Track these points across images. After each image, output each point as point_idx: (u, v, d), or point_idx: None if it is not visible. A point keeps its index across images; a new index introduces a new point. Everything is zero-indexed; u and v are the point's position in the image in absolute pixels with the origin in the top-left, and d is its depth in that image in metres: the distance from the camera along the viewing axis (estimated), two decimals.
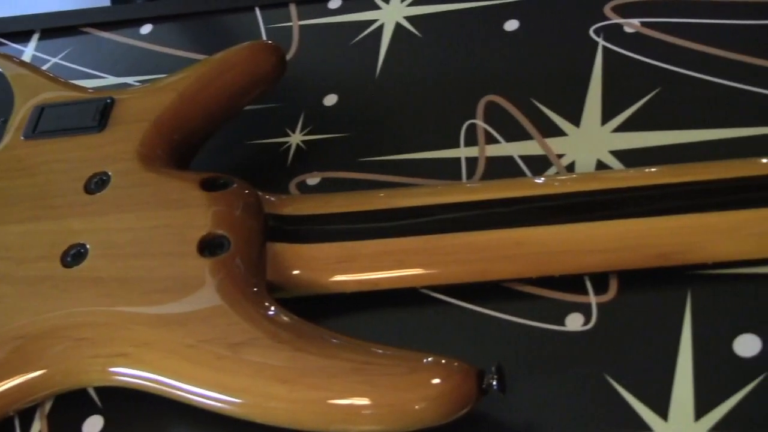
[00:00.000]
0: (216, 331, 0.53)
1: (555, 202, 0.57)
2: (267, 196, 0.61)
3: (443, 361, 0.50)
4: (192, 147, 0.66)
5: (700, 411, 0.51)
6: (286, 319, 0.54)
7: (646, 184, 0.56)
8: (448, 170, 0.65)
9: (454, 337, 0.57)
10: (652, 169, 0.58)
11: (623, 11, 0.71)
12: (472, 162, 0.65)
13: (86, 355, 0.56)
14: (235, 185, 0.60)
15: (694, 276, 0.55)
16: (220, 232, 0.57)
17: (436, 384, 0.49)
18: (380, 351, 0.52)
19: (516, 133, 0.66)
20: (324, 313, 0.59)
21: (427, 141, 0.67)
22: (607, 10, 0.71)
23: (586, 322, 0.56)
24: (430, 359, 0.50)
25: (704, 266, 0.55)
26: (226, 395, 0.53)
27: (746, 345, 0.52)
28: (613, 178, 0.58)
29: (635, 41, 0.69)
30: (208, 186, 0.60)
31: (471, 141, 0.66)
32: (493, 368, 0.50)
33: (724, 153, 0.61)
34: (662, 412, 0.51)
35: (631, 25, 0.70)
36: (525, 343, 0.56)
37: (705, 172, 0.56)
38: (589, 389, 0.53)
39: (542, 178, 0.61)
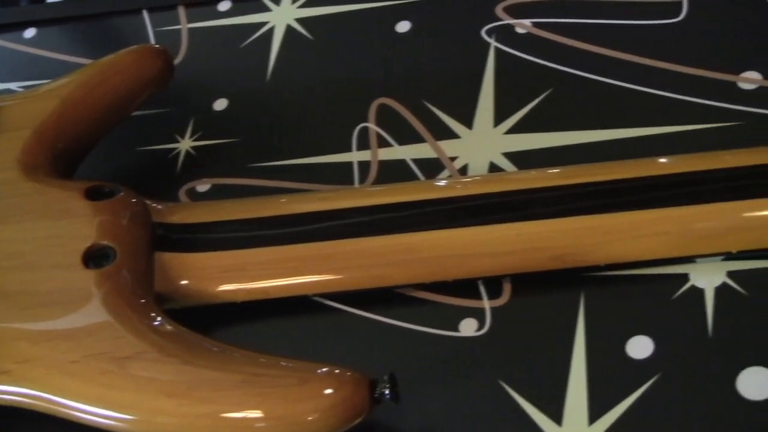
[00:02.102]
0: (101, 346, 0.52)
1: (447, 206, 0.56)
2: (155, 205, 0.60)
3: (335, 370, 0.49)
4: (77, 155, 0.64)
5: (594, 414, 0.51)
6: (174, 331, 0.53)
7: (538, 186, 0.56)
8: (341, 175, 0.64)
9: (347, 345, 0.57)
10: (544, 171, 0.57)
11: (515, 12, 0.71)
12: (364, 166, 0.64)
13: None
14: (121, 194, 0.59)
15: (587, 278, 0.55)
16: (105, 242, 0.56)
17: (328, 394, 0.49)
18: (271, 362, 0.51)
19: (408, 136, 0.65)
20: (214, 323, 0.58)
21: (319, 145, 0.67)
22: (498, 10, 0.71)
23: (480, 328, 0.55)
24: (321, 369, 0.50)
25: (597, 268, 0.55)
26: (113, 411, 0.51)
27: (639, 347, 0.52)
28: (505, 180, 0.58)
29: (527, 42, 0.69)
30: (93, 195, 0.58)
31: (363, 145, 0.66)
32: (386, 377, 0.49)
33: (616, 154, 0.61)
34: (556, 417, 0.51)
35: (523, 25, 0.70)
36: (419, 349, 0.55)
37: (597, 173, 0.56)
38: (484, 396, 0.52)
39: (434, 182, 0.60)
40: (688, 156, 0.56)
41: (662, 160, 0.56)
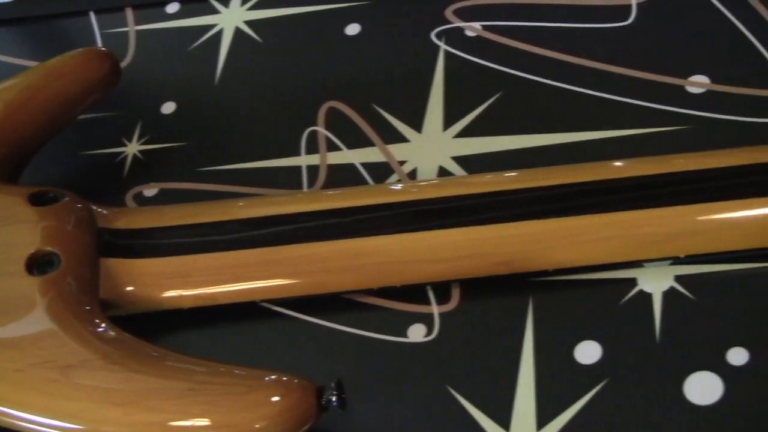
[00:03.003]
0: (46, 354, 0.51)
1: (395, 210, 0.56)
2: (100, 210, 0.59)
3: (282, 378, 0.49)
4: (21, 159, 0.63)
5: (542, 420, 0.50)
6: (119, 338, 0.52)
7: (486, 191, 0.56)
8: (289, 179, 0.64)
9: (296, 352, 0.56)
10: (492, 176, 0.57)
11: (465, 14, 0.70)
12: (313, 170, 0.64)
13: None
14: (66, 199, 0.58)
15: (536, 283, 0.55)
16: (49, 249, 0.55)
17: (275, 402, 0.48)
18: (218, 369, 0.51)
19: (357, 140, 0.65)
20: (161, 330, 0.57)
21: (267, 149, 0.66)
22: (448, 13, 0.71)
23: (429, 333, 0.55)
24: (268, 377, 0.49)
25: (545, 273, 0.55)
26: (58, 421, 0.50)
27: (587, 352, 0.52)
28: (453, 185, 0.57)
29: (477, 45, 0.68)
30: (37, 200, 0.57)
31: (312, 149, 0.65)
32: (333, 384, 0.49)
33: (565, 157, 0.60)
34: (504, 422, 0.51)
35: (473, 28, 0.69)
36: (368, 356, 0.55)
37: (544, 177, 0.56)
38: (432, 402, 0.52)
39: (382, 187, 0.60)
40: (636, 160, 0.56)
41: (610, 164, 0.56)
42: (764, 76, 0.62)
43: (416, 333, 0.55)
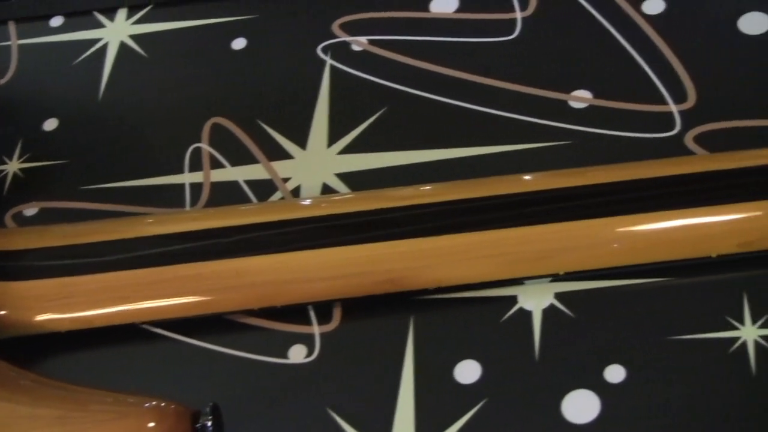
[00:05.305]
0: None
1: (276, 229, 0.55)
2: None
3: (157, 403, 0.48)
4: None
5: None
6: None
7: (367, 209, 0.55)
8: (173, 197, 0.63)
9: (176, 375, 0.56)
10: (373, 194, 0.57)
11: (351, 29, 0.70)
12: (196, 188, 0.63)
13: None
14: None
15: (418, 302, 0.55)
16: None
17: (149, 428, 0.48)
18: (90, 396, 0.50)
19: (242, 157, 0.64)
20: (37, 354, 0.56)
21: (151, 167, 0.65)
22: (335, 27, 0.70)
23: (310, 354, 0.54)
24: (142, 402, 0.48)
25: (426, 291, 0.55)
26: None
27: (467, 371, 0.52)
28: (334, 203, 0.57)
29: (363, 60, 0.68)
30: None
31: (196, 166, 0.64)
32: (208, 409, 0.48)
33: (449, 174, 0.60)
34: None
35: (359, 42, 0.69)
36: (247, 378, 0.54)
37: (425, 195, 0.56)
38: (311, 424, 0.52)
39: (264, 205, 0.60)
40: (516, 177, 0.56)
41: (490, 181, 0.56)
42: (646, 91, 0.62)
43: (297, 354, 0.55)
